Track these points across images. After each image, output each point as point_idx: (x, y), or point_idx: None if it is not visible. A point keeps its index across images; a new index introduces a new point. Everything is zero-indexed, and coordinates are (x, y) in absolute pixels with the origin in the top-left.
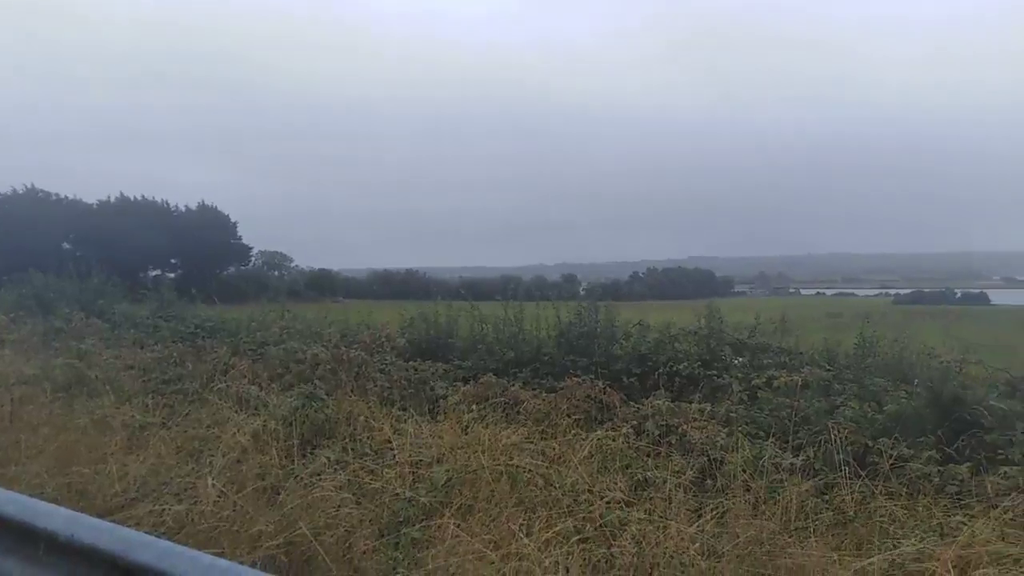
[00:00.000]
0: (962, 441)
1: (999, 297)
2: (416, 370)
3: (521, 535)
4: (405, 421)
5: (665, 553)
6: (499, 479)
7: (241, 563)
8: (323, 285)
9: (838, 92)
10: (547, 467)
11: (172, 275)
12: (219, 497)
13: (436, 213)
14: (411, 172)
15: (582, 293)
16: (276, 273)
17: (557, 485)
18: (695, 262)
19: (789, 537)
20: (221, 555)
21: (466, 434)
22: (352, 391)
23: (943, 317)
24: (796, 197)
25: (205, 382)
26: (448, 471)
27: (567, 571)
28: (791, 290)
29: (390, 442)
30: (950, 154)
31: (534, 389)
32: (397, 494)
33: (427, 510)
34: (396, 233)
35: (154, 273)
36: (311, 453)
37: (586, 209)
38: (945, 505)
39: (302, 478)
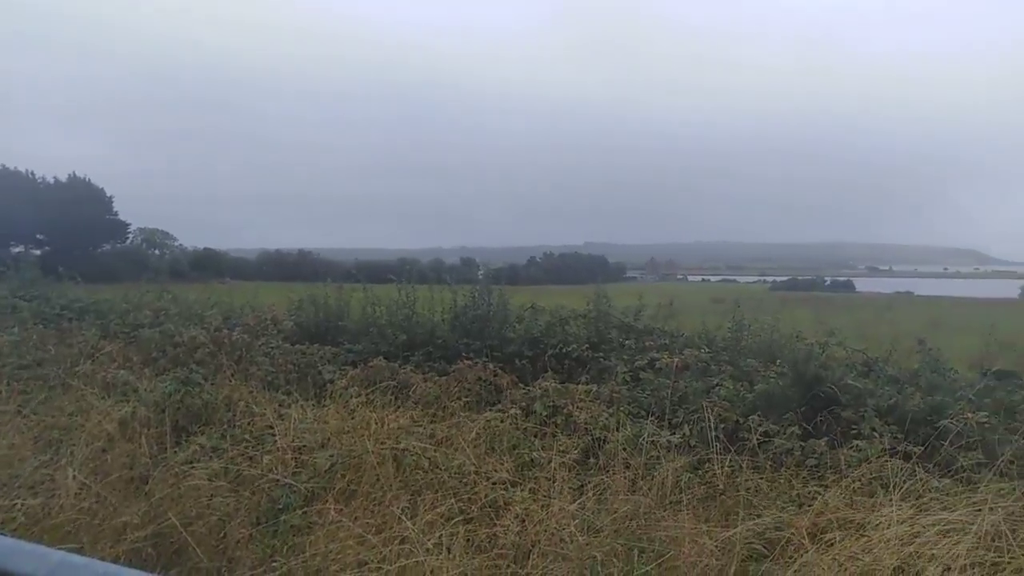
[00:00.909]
0: (821, 417)
1: (863, 285)
2: (303, 354)
3: (404, 518)
4: (289, 406)
5: (547, 530)
6: (384, 463)
7: (102, 558)
8: (208, 265)
9: (728, 87)
10: (435, 450)
11: (38, 252)
12: (80, 489)
13: (332, 194)
14: (312, 151)
15: (480, 276)
16: (156, 252)
17: (443, 467)
18: (591, 248)
19: (664, 511)
20: (79, 550)
21: (353, 418)
22: (233, 375)
23: (813, 303)
24: (686, 188)
25: (69, 367)
26: (332, 456)
27: (449, 551)
28: (679, 276)
29: (272, 427)
30: (825, 151)
31: (426, 372)
32: (277, 480)
33: (308, 496)
34: (291, 213)
35: (16, 250)
36: (185, 441)
37: (486, 194)
38: (804, 477)
39: (173, 466)
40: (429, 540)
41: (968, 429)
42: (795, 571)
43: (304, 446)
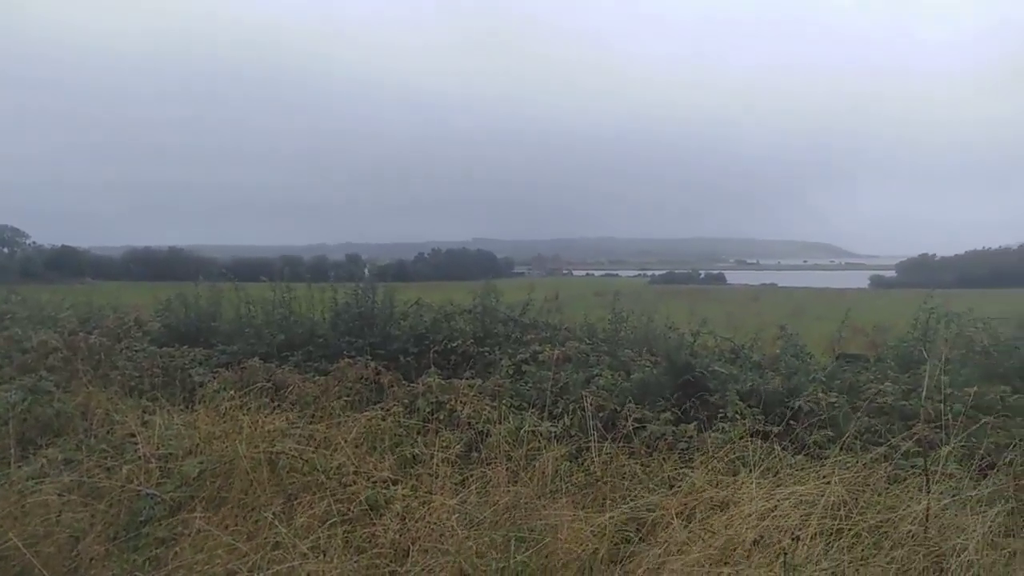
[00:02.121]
0: (691, 403)
1: (733, 278)
2: (172, 356)
3: (277, 523)
4: (155, 412)
5: (427, 527)
6: (258, 467)
7: None
8: (66, 264)
9: (610, 87)
10: (313, 451)
11: None
12: None
13: (208, 186)
14: (176, 138)
15: (366, 274)
16: (5, 250)
17: (321, 469)
18: (479, 244)
19: (544, 500)
20: None
21: (224, 422)
22: (90, 382)
23: (689, 295)
24: (573, 185)
25: None
26: (201, 463)
27: (325, 554)
28: (565, 271)
29: (134, 435)
30: (699, 154)
31: (306, 372)
32: (138, 491)
33: (174, 506)
34: (159, 206)
35: None
36: (33, 454)
37: (373, 189)
38: (675, 460)
39: (16, 483)
40: (304, 544)
41: (820, 408)
42: (664, 550)
43: (171, 454)
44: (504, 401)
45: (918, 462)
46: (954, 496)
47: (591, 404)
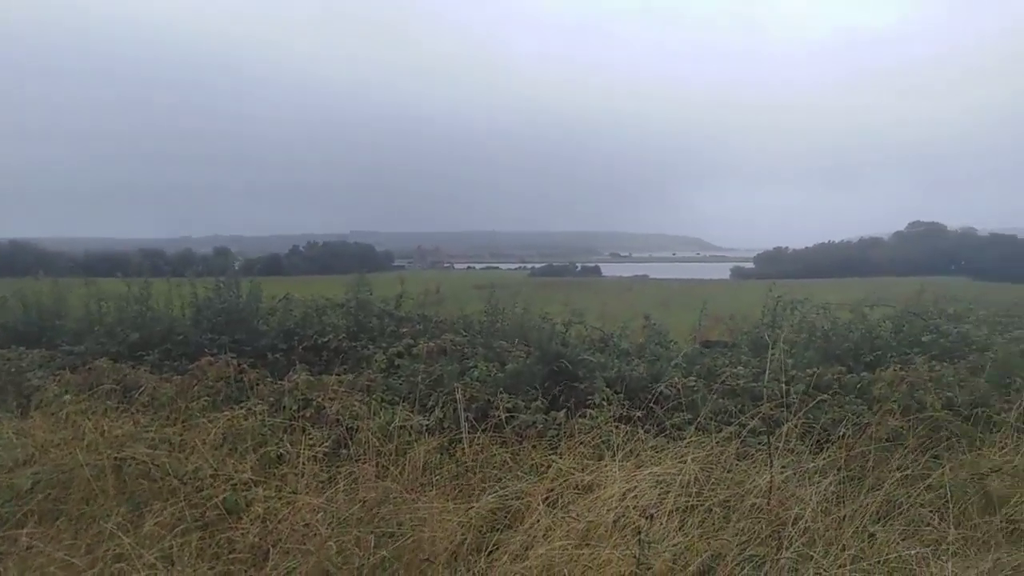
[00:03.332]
0: (559, 390)
1: (608, 270)
2: (5, 359)
3: (120, 534)
4: None
5: (291, 528)
6: (103, 475)
7: None
8: None
9: (493, 82)
10: (167, 455)
11: None
12: None
13: (49, 168)
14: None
15: (236, 268)
16: None
17: (174, 473)
18: (357, 236)
19: (414, 493)
20: None
21: (64, 429)
22: None
23: (566, 287)
24: (455, 177)
25: None
26: (36, 474)
27: (172, 564)
28: (446, 264)
29: None
30: (578, 146)
31: (163, 372)
32: None
33: (1, 523)
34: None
35: None
36: None
37: (245, 177)
38: (545, 448)
39: None
40: (152, 554)
41: (679, 392)
42: (529, 536)
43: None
44: (375, 396)
45: (764, 439)
46: (794, 469)
47: (464, 396)
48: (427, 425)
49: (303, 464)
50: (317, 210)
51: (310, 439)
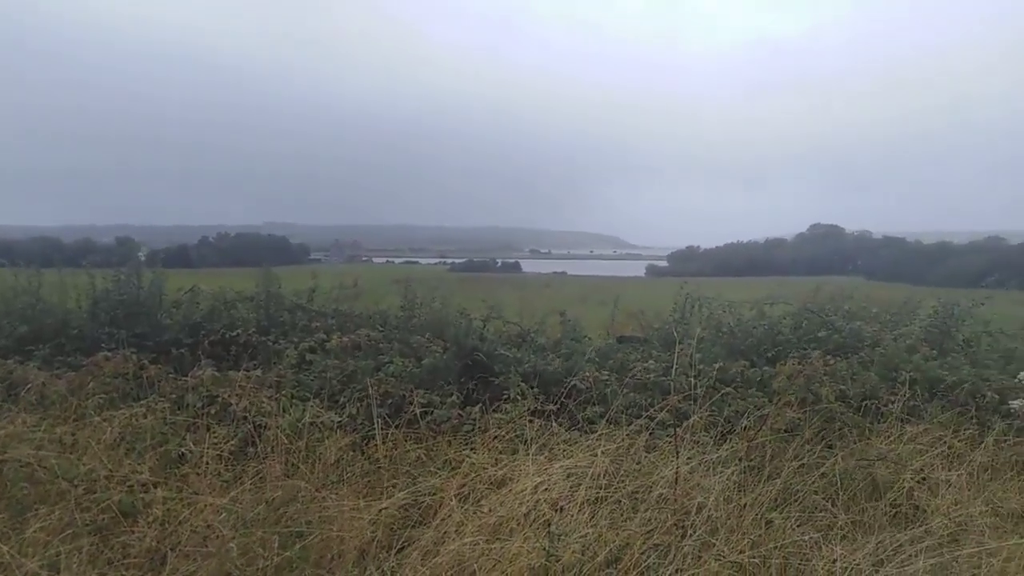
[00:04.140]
0: (474, 384)
1: (528, 266)
2: None
3: None
4: None
5: (191, 529)
6: None
7: None
8: None
9: (421, 75)
10: (56, 457)
11: None
12: None
13: None
14: None
15: (141, 259)
16: None
17: (64, 475)
18: (272, 228)
19: (324, 491)
20: None
21: None
22: None
23: (486, 283)
24: (374, 170)
25: None
26: None
27: (59, 571)
28: (364, 258)
29: None
30: (500, 143)
31: (57, 368)
32: None
33: None
34: None
35: None
36: None
37: (156, 164)
38: (459, 443)
39: None
40: (35, 561)
41: (592, 386)
42: (441, 531)
43: None
44: (285, 392)
45: (671, 431)
46: (700, 460)
47: (378, 391)
48: (339, 422)
49: (207, 463)
50: (232, 200)
51: (215, 437)
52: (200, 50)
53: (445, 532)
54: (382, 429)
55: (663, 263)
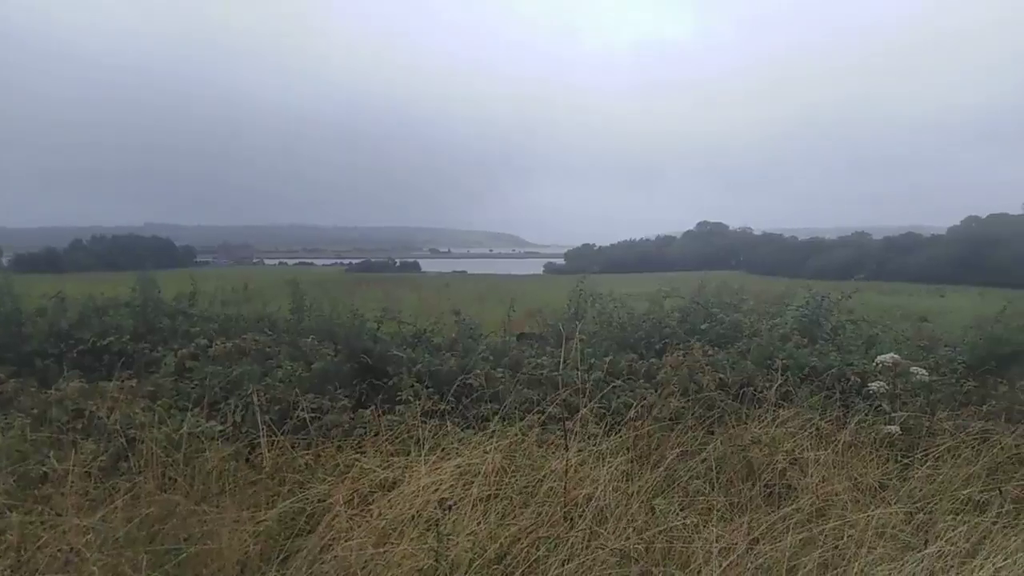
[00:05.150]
0: (364, 387)
1: (427, 266)
2: None
3: None
4: None
5: (54, 554)
6: None
7: None
8: None
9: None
10: None
11: None
12: None
13: None
14: None
15: (4, 263)
16: None
17: None
18: (153, 229)
19: (204, 505)
20: None
21: None
22: None
23: (384, 283)
24: (265, 169)
25: None
26: None
27: None
28: (255, 260)
29: None
30: (397, 141)
31: None
32: None
33: None
34: None
35: None
36: None
37: (26, 162)
38: (351, 447)
39: None
40: None
41: (487, 384)
42: (328, 538)
43: None
44: (163, 402)
45: (562, 425)
46: (589, 451)
47: (266, 397)
48: (221, 431)
49: (72, 482)
50: (109, 201)
51: (82, 453)
52: (73, 42)
53: (332, 539)
54: (269, 437)
55: (561, 261)
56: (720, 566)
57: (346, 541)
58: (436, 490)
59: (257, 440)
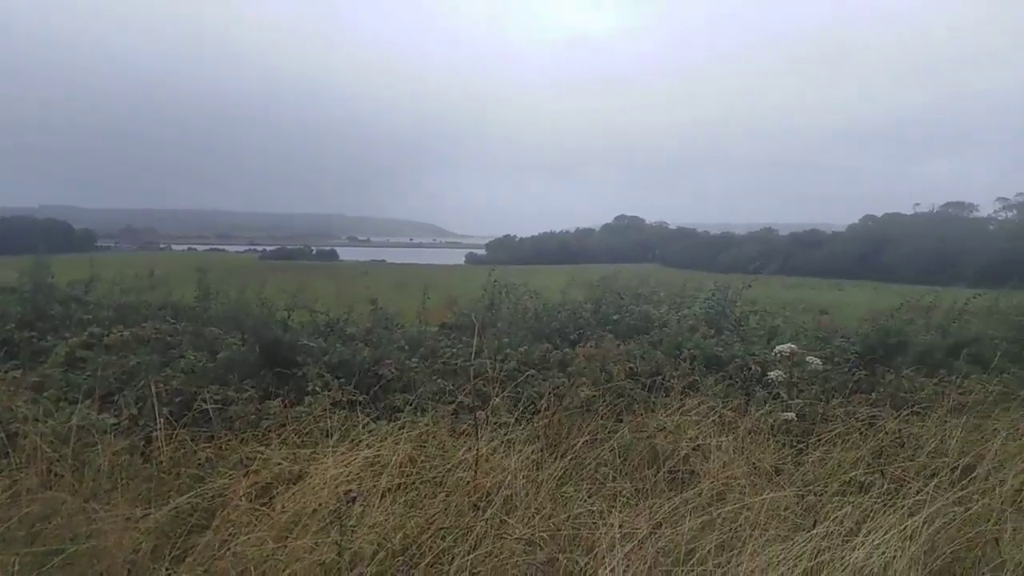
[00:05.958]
0: (276, 378)
1: (345, 254)
2: None
3: None
4: None
5: None
6: None
7: None
8: None
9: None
10: None
11: None
12: None
13: None
14: None
15: None
16: None
17: None
18: (48, 211)
19: (93, 502)
20: None
21: None
22: None
23: (300, 271)
24: (168, 149)
25: None
26: None
27: None
28: (162, 245)
29: None
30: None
31: None
32: None
33: None
34: None
35: None
36: None
37: None
38: (256, 440)
39: None
40: None
41: (400, 373)
42: (227, 533)
43: None
44: (50, 394)
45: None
46: (501, 440)
47: (165, 389)
48: (115, 424)
49: None
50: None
51: None
52: None
53: (230, 534)
54: (167, 430)
55: (482, 251)
56: (623, 550)
57: (245, 536)
58: (343, 482)
59: (154, 434)
